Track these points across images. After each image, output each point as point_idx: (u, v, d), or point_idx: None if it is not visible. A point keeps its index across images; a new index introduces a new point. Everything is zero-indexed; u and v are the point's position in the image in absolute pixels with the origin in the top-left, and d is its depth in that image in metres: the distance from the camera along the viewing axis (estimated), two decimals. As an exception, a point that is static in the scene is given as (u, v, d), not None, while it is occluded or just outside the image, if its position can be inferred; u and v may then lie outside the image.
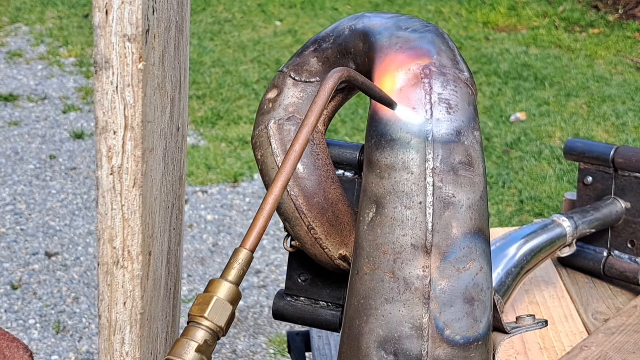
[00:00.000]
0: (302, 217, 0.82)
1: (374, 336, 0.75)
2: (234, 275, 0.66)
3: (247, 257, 0.66)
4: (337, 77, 0.71)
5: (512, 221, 3.09)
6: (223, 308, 0.65)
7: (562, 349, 1.18)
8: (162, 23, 0.78)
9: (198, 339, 0.64)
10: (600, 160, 1.31)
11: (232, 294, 0.66)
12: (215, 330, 0.65)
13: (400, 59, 0.78)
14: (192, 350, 0.64)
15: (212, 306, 0.65)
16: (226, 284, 0.66)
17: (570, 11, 5.20)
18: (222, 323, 0.65)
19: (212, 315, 0.65)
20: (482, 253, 0.76)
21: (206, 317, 0.64)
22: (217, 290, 0.65)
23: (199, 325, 0.64)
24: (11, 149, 3.68)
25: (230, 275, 0.66)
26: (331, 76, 0.71)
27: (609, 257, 1.32)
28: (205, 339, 0.64)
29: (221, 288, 0.65)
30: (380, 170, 0.75)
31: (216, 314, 0.65)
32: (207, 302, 0.65)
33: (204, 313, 0.65)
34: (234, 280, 0.66)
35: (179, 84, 0.87)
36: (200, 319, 0.64)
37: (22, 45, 4.81)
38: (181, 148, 0.92)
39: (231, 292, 0.66)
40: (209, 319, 0.64)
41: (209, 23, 5.21)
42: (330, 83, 0.71)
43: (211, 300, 0.65)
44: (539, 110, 3.96)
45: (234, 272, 0.66)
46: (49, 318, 2.62)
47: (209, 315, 0.64)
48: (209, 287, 0.66)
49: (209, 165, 3.54)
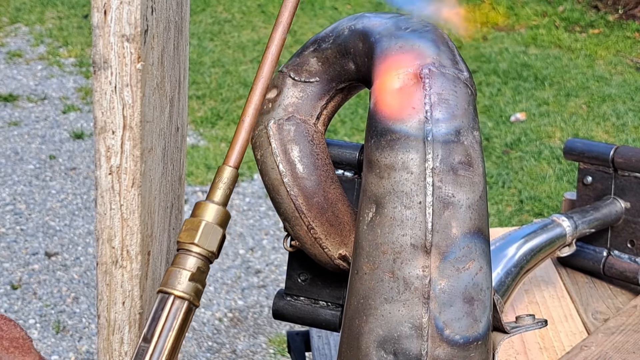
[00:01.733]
0: (302, 217, 0.82)
1: (373, 336, 0.75)
2: (220, 195, 0.63)
3: (232, 174, 0.63)
4: None
5: (512, 221, 3.09)
6: (213, 232, 0.62)
7: (562, 349, 1.18)
8: (161, 23, 0.78)
9: (190, 267, 0.61)
10: (600, 160, 1.31)
11: (221, 216, 0.63)
12: (207, 256, 0.62)
13: (399, 59, 0.78)
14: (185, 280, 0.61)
15: (201, 231, 0.62)
16: (213, 207, 0.63)
17: (570, 11, 5.20)
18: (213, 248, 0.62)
19: (202, 240, 0.62)
20: (482, 253, 0.76)
21: (196, 244, 0.62)
22: (204, 214, 0.62)
23: (189, 252, 0.62)
24: (11, 149, 3.68)
25: (217, 196, 0.63)
26: None
27: (609, 257, 1.32)
28: (198, 266, 0.61)
29: (209, 211, 0.62)
30: (380, 170, 0.75)
31: (207, 239, 0.62)
32: (196, 228, 0.62)
33: (194, 239, 0.62)
34: (221, 201, 0.63)
35: (179, 84, 0.87)
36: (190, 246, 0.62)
37: (22, 46, 4.81)
38: (180, 148, 0.91)
39: (219, 214, 0.63)
40: (200, 245, 0.62)
41: (208, 23, 5.21)
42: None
43: (200, 225, 0.62)
44: (538, 111, 3.96)
45: (219, 192, 0.63)
46: (49, 318, 2.62)
47: (199, 241, 0.62)
48: (196, 210, 0.63)
49: (209, 165, 3.54)
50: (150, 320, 0.60)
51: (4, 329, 0.90)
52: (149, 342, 0.60)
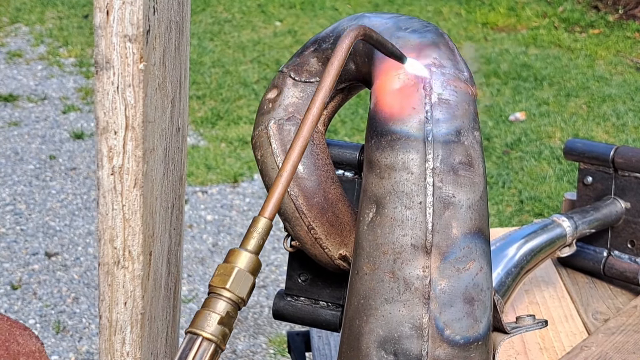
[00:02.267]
0: (302, 217, 0.83)
1: (374, 336, 0.75)
2: (254, 244, 0.65)
3: (267, 225, 0.65)
4: (354, 35, 0.70)
5: (512, 221, 3.10)
6: (245, 279, 0.64)
7: (562, 349, 1.18)
8: (163, 23, 0.78)
9: (220, 311, 0.63)
10: (600, 160, 1.31)
11: (253, 264, 0.65)
12: (237, 302, 0.64)
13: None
14: (214, 323, 0.63)
15: (233, 277, 0.64)
16: (246, 254, 0.65)
17: (570, 11, 5.20)
18: (243, 294, 0.64)
19: (233, 286, 0.64)
20: (482, 253, 0.76)
21: (228, 289, 0.63)
22: (237, 261, 0.64)
23: (221, 296, 0.63)
24: (11, 150, 3.68)
25: (250, 244, 0.65)
26: (348, 35, 0.70)
27: (609, 257, 1.32)
28: (228, 310, 0.63)
29: (242, 258, 0.65)
30: (381, 170, 0.76)
31: (238, 285, 0.64)
32: (229, 274, 0.64)
33: (226, 284, 0.63)
34: (254, 249, 0.65)
35: (180, 84, 0.87)
36: (221, 290, 0.63)
37: (22, 46, 4.81)
38: (181, 148, 0.92)
39: (252, 262, 0.65)
40: (231, 290, 0.63)
41: (209, 23, 5.21)
42: (347, 42, 0.69)
43: (232, 271, 0.64)
44: (538, 111, 3.96)
45: (253, 241, 0.65)
46: (49, 318, 2.63)
47: (230, 287, 0.64)
48: (229, 257, 0.65)
49: (209, 165, 3.54)
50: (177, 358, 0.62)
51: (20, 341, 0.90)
52: None
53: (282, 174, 0.66)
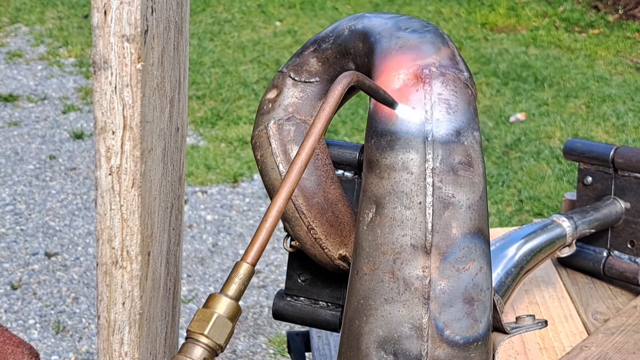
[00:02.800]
0: (302, 218, 0.82)
1: (373, 336, 0.75)
2: (234, 290, 0.65)
3: (248, 271, 0.65)
4: (347, 82, 0.70)
5: (512, 221, 3.09)
6: (223, 325, 0.64)
7: (562, 349, 1.18)
8: (161, 23, 0.78)
9: (197, 357, 0.63)
10: (600, 160, 1.31)
11: (233, 311, 0.64)
12: (214, 348, 0.64)
13: (400, 59, 0.77)
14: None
15: (212, 323, 0.64)
16: (226, 300, 0.64)
17: (570, 11, 5.20)
18: (221, 341, 0.64)
19: (212, 333, 0.63)
20: (482, 253, 0.76)
21: (206, 335, 0.63)
22: (217, 307, 0.64)
23: (198, 342, 0.63)
24: (11, 150, 3.68)
25: (231, 290, 0.65)
26: (340, 82, 0.69)
27: (609, 257, 1.32)
28: (204, 357, 0.63)
29: (221, 304, 0.64)
30: (380, 170, 0.75)
31: (216, 331, 0.64)
32: (208, 320, 0.64)
33: (204, 331, 0.63)
34: (234, 296, 0.65)
35: (179, 84, 0.87)
36: (199, 337, 0.63)
37: (22, 46, 4.81)
38: (180, 148, 0.91)
39: (231, 308, 0.64)
40: (209, 336, 0.63)
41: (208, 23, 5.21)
42: (339, 89, 0.69)
43: (211, 318, 0.64)
44: (538, 111, 3.96)
45: (234, 287, 0.65)
46: (48, 318, 2.62)
47: (209, 333, 0.63)
48: (209, 302, 0.65)
49: (209, 165, 3.54)
50: None
51: None
52: None
53: (267, 218, 0.65)
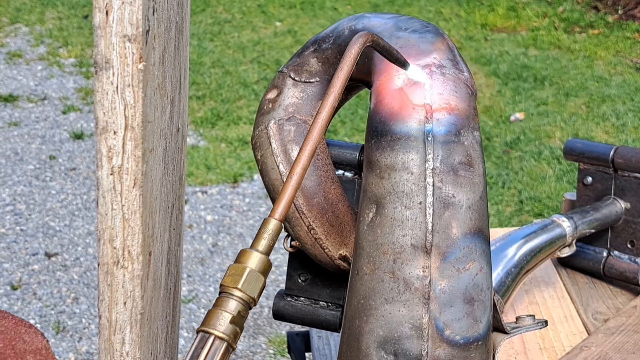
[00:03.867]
0: (302, 218, 0.83)
1: (374, 336, 0.75)
2: (264, 245, 0.66)
3: (277, 226, 0.66)
4: (362, 41, 0.70)
5: (512, 221, 3.10)
6: (256, 279, 0.65)
7: (562, 349, 1.18)
8: (162, 23, 0.78)
9: (232, 310, 0.64)
10: (600, 160, 1.31)
11: (264, 265, 0.66)
12: (248, 301, 0.64)
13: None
14: (226, 322, 0.63)
15: (245, 277, 0.65)
16: (257, 255, 0.65)
17: (569, 12, 5.20)
18: (254, 294, 0.65)
19: (245, 286, 0.64)
20: (482, 253, 0.76)
21: (239, 289, 0.64)
22: (248, 261, 0.65)
23: (232, 296, 0.64)
24: (11, 150, 3.68)
25: (261, 245, 0.66)
26: (355, 41, 0.70)
27: (609, 257, 1.32)
28: (239, 310, 0.64)
29: (252, 259, 0.65)
30: (380, 170, 0.76)
31: (249, 285, 0.64)
32: (240, 274, 0.65)
33: (238, 284, 0.64)
34: (265, 250, 0.66)
35: (179, 84, 0.87)
36: (233, 290, 0.64)
37: (22, 46, 4.81)
38: (181, 148, 0.92)
39: (263, 262, 0.65)
40: (243, 290, 0.64)
41: (208, 24, 5.21)
42: (355, 48, 0.70)
43: (244, 272, 0.65)
44: (538, 111, 3.96)
45: (264, 242, 0.66)
46: (48, 318, 2.62)
47: (242, 287, 0.64)
48: (240, 257, 0.66)
49: (209, 165, 3.54)
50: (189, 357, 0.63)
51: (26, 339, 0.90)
52: None
53: (292, 175, 0.66)
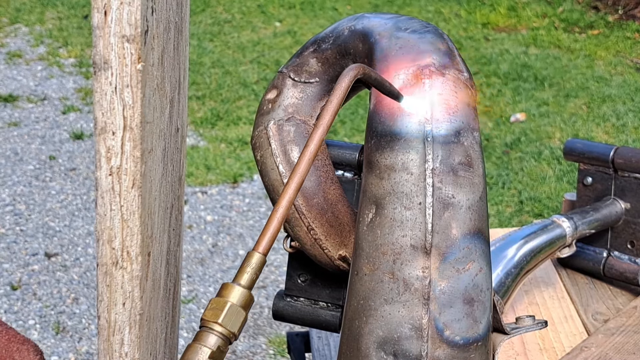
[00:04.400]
0: (302, 218, 0.82)
1: (373, 337, 0.75)
2: (247, 279, 0.65)
3: (260, 261, 0.66)
4: (354, 74, 0.70)
5: (512, 222, 3.10)
6: (237, 314, 0.65)
7: (562, 350, 1.18)
8: (161, 24, 0.78)
9: (211, 345, 0.63)
10: (600, 161, 1.31)
11: (246, 299, 0.65)
12: (228, 336, 0.64)
13: (399, 59, 0.78)
14: (205, 357, 0.63)
15: (226, 312, 0.64)
16: (239, 289, 0.65)
17: (570, 12, 5.20)
18: (235, 329, 0.64)
19: (226, 321, 0.64)
20: (482, 254, 0.76)
21: (220, 324, 0.64)
22: (230, 295, 0.65)
23: (212, 330, 0.64)
24: (11, 150, 3.68)
25: (243, 279, 0.65)
26: (347, 74, 0.70)
27: (609, 257, 1.32)
28: (219, 345, 0.64)
29: (234, 293, 0.65)
30: (380, 171, 0.75)
31: (230, 320, 0.64)
32: (221, 308, 0.64)
33: (218, 319, 0.64)
34: (247, 284, 0.65)
35: (179, 84, 0.87)
36: (213, 325, 0.64)
37: (21, 46, 4.81)
38: (180, 149, 0.91)
39: (244, 297, 0.65)
40: (223, 325, 0.64)
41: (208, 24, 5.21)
42: (346, 81, 0.70)
43: (225, 306, 0.64)
44: (538, 111, 3.96)
45: (246, 276, 0.65)
46: (48, 319, 2.62)
47: (223, 322, 0.64)
48: (222, 291, 0.65)
49: (209, 166, 3.54)
50: None
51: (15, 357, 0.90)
52: None
53: (277, 209, 0.66)
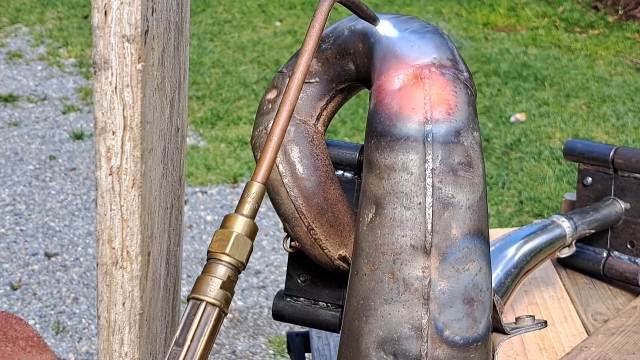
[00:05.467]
0: (302, 218, 0.82)
1: (373, 337, 0.75)
2: (249, 209, 0.66)
3: (260, 190, 0.66)
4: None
5: (512, 222, 3.09)
6: (243, 243, 0.65)
7: (561, 350, 1.18)
8: (162, 24, 0.78)
9: (221, 276, 0.64)
10: (600, 161, 1.31)
11: (250, 228, 0.65)
12: (237, 266, 0.64)
13: (400, 59, 0.78)
14: (216, 287, 0.63)
15: (232, 242, 0.65)
16: (243, 219, 0.65)
17: (570, 12, 5.20)
18: (242, 258, 0.65)
19: (233, 251, 0.64)
20: (482, 254, 0.76)
21: (227, 254, 0.64)
22: (234, 226, 0.65)
23: (221, 261, 0.64)
24: (11, 150, 3.68)
25: (245, 209, 0.66)
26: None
27: (609, 258, 1.32)
28: (228, 274, 0.64)
29: (238, 223, 0.65)
30: (380, 171, 0.75)
31: (237, 249, 0.65)
32: (227, 239, 0.65)
33: (225, 249, 0.64)
34: (249, 214, 0.66)
35: (179, 84, 0.87)
36: (221, 255, 0.64)
37: (22, 46, 4.81)
38: (180, 149, 0.91)
39: (249, 226, 0.65)
40: (231, 254, 0.64)
41: (208, 24, 5.21)
42: (326, 5, 0.71)
43: (231, 237, 0.65)
44: (538, 111, 3.96)
45: (248, 206, 0.66)
46: (48, 319, 2.62)
47: (230, 251, 0.64)
48: (226, 222, 0.65)
49: (209, 165, 3.54)
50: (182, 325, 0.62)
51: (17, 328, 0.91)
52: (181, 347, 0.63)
53: (271, 137, 0.66)
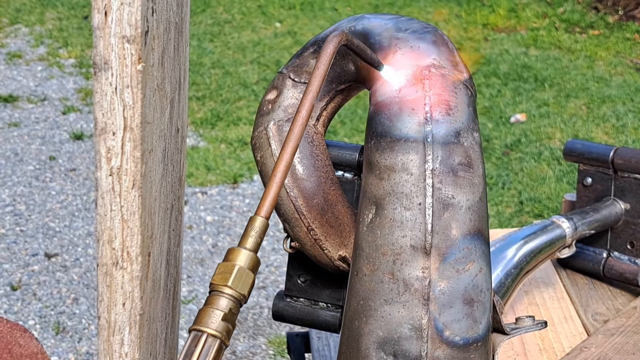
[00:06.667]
0: (302, 219, 0.82)
1: (373, 337, 0.75)
2: (252, 243, 0.67)
3: (263, 224, 0.67)
4: (337, 41, 0.72)
5: (512, 222, 3.09)
6: (245, 276, 0.66)
7: (561, 350, 1.18)
8: (162, 24, 0.78)
9: (223, 308, 0.65)
10: (600, 161, 1.31)
11: (253, 262, 0.67)
12: (239, 298, 0.65)
13: (399, 60, 0.78)
14: (218, 319, 0.64)
15: (234, 275, 0.66)
16: (246, 252, 0.67)
17: (570, 12, 5.20)
18: (244, 291, 0.66)
19: (235, 283, 0.65)
20: (482, 254, 0.76)
21: (229, 286, 0.65)
22: (237, 259, 0.66)
23: (223, 294, 0.65)
24: (11, 150, 3.68)
25: (248, 243, 0.67)
26: (331, 40, 0.72)
27: (609, 258, 1.32)
28: (230, 307, 0.65)
29: (241, 256, 0.66)
30: (380, 171, 0.76)
31: (239, 282, 0.66)
32: (230, 271, 0.66)
33: (227, 282, 0.65)
34: (252, 248, 0.67)
35: (179, 85, 0.87)
36: (223, 288, 0.65)
37: (22, 47, 4.81)
38: (181, 149, 0.92)
39: (251, 259, 0.67)
40: (233, 287, 0.65)
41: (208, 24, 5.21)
42: (331, 47, 0.72)
43: (233, 269, 0.66)
44: (538, 112, 3.96)
45: (251, 240, 0.67)
46: (48, 319, 2.62)
47: (232, 284, 0.65)
48: (229, 255, 0.67)
49: (209, 166, 3.54)
50: (183, 356, 0.64)
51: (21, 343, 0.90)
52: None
53: (275, 173, 0.67)
